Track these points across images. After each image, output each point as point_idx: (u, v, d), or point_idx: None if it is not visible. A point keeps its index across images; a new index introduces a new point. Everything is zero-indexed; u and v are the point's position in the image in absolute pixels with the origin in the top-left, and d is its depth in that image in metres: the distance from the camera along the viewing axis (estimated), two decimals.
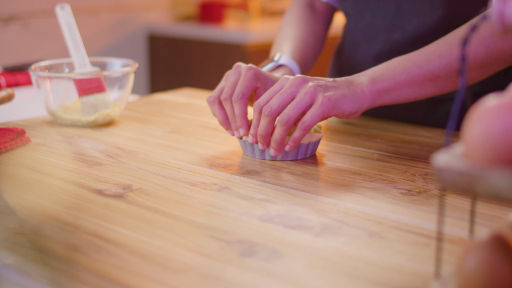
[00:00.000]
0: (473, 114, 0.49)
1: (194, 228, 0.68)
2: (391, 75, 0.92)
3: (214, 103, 0.95)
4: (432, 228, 0.68)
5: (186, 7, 2.98)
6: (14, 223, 0.69)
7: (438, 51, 0.92)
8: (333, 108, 0.87)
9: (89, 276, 0.58)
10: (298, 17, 1.21)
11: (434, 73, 0.92)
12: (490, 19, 0.50)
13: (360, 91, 0.90)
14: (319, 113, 0.86)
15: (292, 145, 0.88)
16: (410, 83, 0.92)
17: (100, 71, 1.16)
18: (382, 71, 0.92)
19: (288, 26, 1.20)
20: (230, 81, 0.95)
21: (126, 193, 0.78)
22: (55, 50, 2.51)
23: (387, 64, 0.93)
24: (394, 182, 0.82)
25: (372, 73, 0.92)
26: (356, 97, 0.89)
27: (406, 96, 0.93)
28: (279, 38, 1.17)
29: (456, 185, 0.48)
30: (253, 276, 0.58)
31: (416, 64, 0.92)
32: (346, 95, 0.88)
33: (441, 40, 0.93)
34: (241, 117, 0.92)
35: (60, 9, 1.16)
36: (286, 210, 0.73)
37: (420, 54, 0.93)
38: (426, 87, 0.93)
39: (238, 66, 0.96)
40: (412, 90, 0.93)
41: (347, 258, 0.61)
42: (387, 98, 0.92)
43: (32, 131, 1.06)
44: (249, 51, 2.57)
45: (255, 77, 0.94)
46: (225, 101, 0.93)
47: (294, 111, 0.86)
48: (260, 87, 0.96)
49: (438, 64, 0.91)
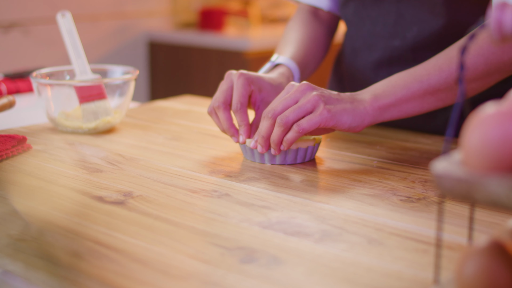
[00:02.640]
0: (472, 122, 0.49)
1: (194, 235, 0.68)
2: (392, 91, 0.93)
3: (212, 113, 0.98)
4: (431, 234, 0.68)
5: (187, 14, 2.98)
6: (15, 229, 0.69)
7: (437, 65, 0.93)
8: (331, 120, 0.88)
9: (91, 282, 0.58)
10: (300, 23, 1.22)
11: (435, 87, 0.92)
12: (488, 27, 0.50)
13: (362, 108, 0.91)
14: (316, 121, 0.88)
15: (285, 146, 0.90)
16: (411, 98, 0.93)
17: (101, 78, 1.16)
18: (383, 87, 0.93)
19: (290, 32, 1.21)
20: (222, 89, 0.98)
21: (127, 200, 0.78)
22: (56, 57, 2.52)
23: (388, 80, 0.94)
24: (394, 189, 0.83)
25: (374, 90, 0.94)
26: (357, 113, 0.90)
27: (407, 111, 0.94)
28: (280, 43, 1.18)
29: (455, 192, 0.48)
30: (253, 282, 0.58)
31: (416, 79, 0.93)
32: (347, 109, 0.90)
33: (440, 54, 0.94)
34: (244, 125, 0.95)
35: (61, 16, 1.17)
36: (286, 217, 0.73)
37: (421, 69, 0.94)
38: (428, 101, 0.94)
39: (230, 74, 0.99)
40: (414, 105, 0.94)
41: (347, 265, 0.61)
42: (388, 114, 0.93)
43: (33, 138, 1.06)
44: (249, 58, 2.58)
45: (247, 82, 0.97)
46: (217, 108, 0.97)
47: (294, 114, 0.88)
48: (254, 90, 0.99)
49: (438, 78, 0.92)
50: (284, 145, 0.90)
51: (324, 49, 1.23)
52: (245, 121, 0.95)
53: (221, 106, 0.96)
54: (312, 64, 1.18)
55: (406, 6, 1.08)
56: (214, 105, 0.97)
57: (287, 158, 0.93)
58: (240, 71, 0.98)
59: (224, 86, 0.98)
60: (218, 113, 0.97)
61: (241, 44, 2.60)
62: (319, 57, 1.21)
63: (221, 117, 0.96)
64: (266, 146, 0.91)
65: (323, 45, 1.22)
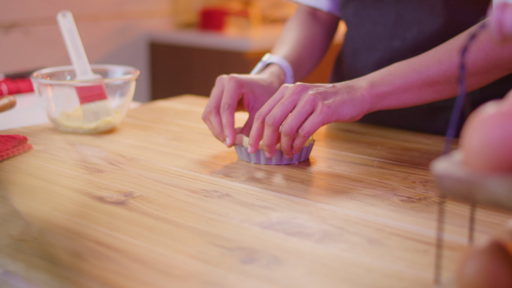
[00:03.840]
0: (473, 122, 0.49)
1: (195, 235, 0.69)
2: (390, 79, 0.93)
3: (206, 119, 0.99)
4: (432, 235, 0.68)
5: (187, 14, 2.99)
6: (16, 229, 0.70)
7: (437, 57, 0.93)
8: (333, 115, 0.88)
9: (91, 282, 0.58)
10: (298, 24, 1.22)
11: (433, 78, 0.92)
12: (489, 27, 0.50)
13: (360, 95, 0.91)
14: (318, 121, 0.87)
15: (296, 151, 0.91)
16: (409, 88, 0.93)
17: (102, 79, 1.16)
18: (382, 75, 0.93)
19: (286, 32, 1.21)
20: (214, 94, 0.99)
21: (127, 200, 0.78)
22: (57, 57, 2.52)
23: (387, 69, 0.94)
24: (394, 189, 0.83)
25: (372, 77, 0.93)
26: (356, 101, 0.90)
27: (405, 101, 0.94)
28: (276, 44, 1.18)
29: (456, 192, 0.48)
30: (254, 282, 0.58)
31: (415, 70, 0.93)
32: (346, 100, 0.90)
33: (441, 47, 0.94)
34: (228, 127, 0.95)
35: (62, 16, 1.17)
36: (287, 217, 0.73)
37: (420, 60, 0.94)
38: (425, 92, 0.94)
39: (221, 78, 1.00)
40: (411, 95, 0.94)
41: (347, 265, 0.61)
42: (386, 102, 0.93)
43: (33, 138, 1.06)
44: (249, 58, 2.58)
45: (237, 85, 0.98)
46: (209, 113, 0.97)
47: (296, 121, 0.88)
48: (246, 93, 1.00)
49: (437, 70, 0.92)
50: (294, 150, 0.91)
51: (322, 50, 1.23)
52: (230, 122, 0.95)
53: (212, 110, 0.97)
54: (308, 64, 1.18)
55: (406, 7, 1.08)
56: (207, 110, 0.97)
57: (282, 159, 0.93)
58: (231, 75, 0.99)
59: (216, 91, 0.99)
60: (210, 118, 0.97)
61: (241, 44, 2.60)
62: (316, 57, 1.21)
63: (213, 122, 0.96)
64: (272, 152, 0.91)
65: (321, 46, 1.22)
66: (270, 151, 0.91)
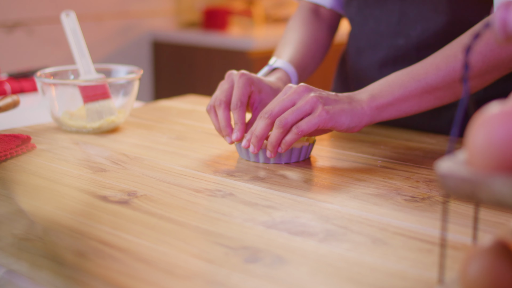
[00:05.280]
0: (476, 121, 0.49)
1: (198, 234, 0.69)
2: (390, 90, 0.93)
3: (210, 111, 0.99)
4: (436, 234, 0.68)
5: (190, 14, 2.99)
6: (20, 229, 0.70)
7: (435, 64, 0.93)
8: (330, 121, 0.88)
9: (95, 282, 0.58)
10: (300, 22, 1.22)
11: (433, 85, 0.93)
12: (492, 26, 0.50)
13: (360, 108, 0.91)
14: (314, 122, 0.88)
15: (284, 148, 0.90)
16: (409, 97, 0.93)
17: (105, 78, 1.16)
18: (381, 87, 0.94)
19: (289, 31, 1.21)
20: (223, 88, 0.98)
21: (131, 200, 0.78)
22: (60, 56, 2.52)
23: (386, 79, 0.95)
24: (398, 188, 0.83)
25: (371, 89, 0.94)
26: (355, 113, 0.91)
27: (406, 110, 0.94)
28: (280, 44, 1.18)
29: (460, 191, 0.48)
30: (257, 282, 0.58)
31: (414, 78, 0.93)
32: (345, 109, 0.90)
33: (438, 53, 0.94)
34: (240, 123, 0.95)
35: (65, 16, 1.17)
36: (290, 217, 0.73)
37: (418, 68, 0.94)
38: (425, 100, 0.94)
39: (231, 74, 1.00)
40: (412, 104, 0.94)
41: (351, 264, 0.61)
42: (386, 113, 0.93)
43: (37, 138, 1.06)
44: (253, 57, 2.58)
45: (248, 82, 0.98)
46: (218, 107, 0.97)
47: (293, 116, 0.88)
48: (254, 91, 1.00)
49: (436, 77, 0.92)
50: (282, 147, 0.90)
51: (324, 49, 1.23)
52: (242, 119, 0.95)
53: (222, 104, 0.96)
54: (312, 65, 1.18)
55: (410, 5, 1.08)
56: (215, 103, 0.97)
57: (282, 158, 0.93)
58: (241, 71, 0.99)
59: (225, 85, 0.98)
60: (217, 111, 0.97)
61: (245, 43, 2.60)
62: (319, 57, 1.21)
63: (220, 116, 0.96)
64: (258, 146, 0.91)
65: (323, 45, 1.22)
66: (257, 143, 0.90)
